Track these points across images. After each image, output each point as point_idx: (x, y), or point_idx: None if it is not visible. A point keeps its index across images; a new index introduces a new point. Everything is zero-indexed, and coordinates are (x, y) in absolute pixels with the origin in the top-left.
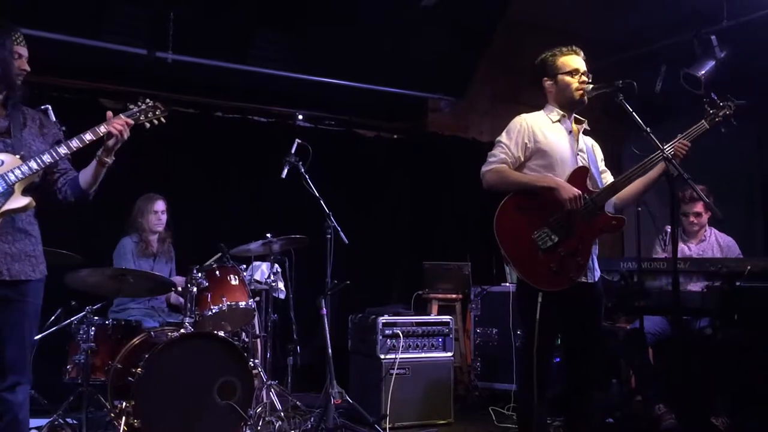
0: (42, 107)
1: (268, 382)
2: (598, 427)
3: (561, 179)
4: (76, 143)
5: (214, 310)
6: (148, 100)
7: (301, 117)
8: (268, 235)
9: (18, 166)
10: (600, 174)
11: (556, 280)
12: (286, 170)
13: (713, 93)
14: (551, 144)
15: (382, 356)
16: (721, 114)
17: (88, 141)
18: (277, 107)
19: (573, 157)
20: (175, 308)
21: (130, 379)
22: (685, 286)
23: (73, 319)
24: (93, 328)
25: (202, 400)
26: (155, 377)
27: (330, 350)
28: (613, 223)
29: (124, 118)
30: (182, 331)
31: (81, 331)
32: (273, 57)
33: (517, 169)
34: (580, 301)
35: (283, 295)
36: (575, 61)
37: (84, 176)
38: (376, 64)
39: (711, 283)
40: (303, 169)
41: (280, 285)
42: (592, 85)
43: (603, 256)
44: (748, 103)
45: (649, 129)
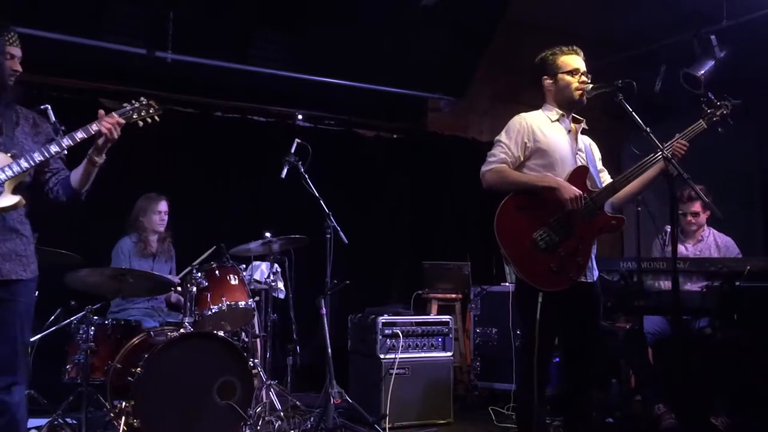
0: (41, 107)
1: (268, 382)
2: (597, 427)
3: (561, 179)
4: (68, 142)
5: (214, 310)
6: (142, 99)
7: (300, 117)
8: (268, 234)
9: (8, 165)
10: (598, 173)
11: (556, 280)
12: (286, 170)
13: (711, 93)
14: (551, 143)
15: (382, 356)
16: (718, 113)
17: (80, 139)
18: (276, 107)
19: (572, 157)
20: (175, 307)
21: (130, 378)
22: (684, 286)
23: (72, 318)
24: (92, 328)
25: (202, 400)
26: (155, 377)
27: (330, 350)
28: (613, 222)
29: (116, 117)
30: (182, 330)
31: (80, 331)
32: (273, 57)
33: (517, 169)
34: (579, 301)
35: (282, 295)
36: (575, 60)
37: (75, 176)
38: (376, 64)
39: (711, 283)
40: (303, 169)
41: (280, 285)
42: (591, 85)
43: (603, 255)
44: (747, 103)
45: (648, 129)
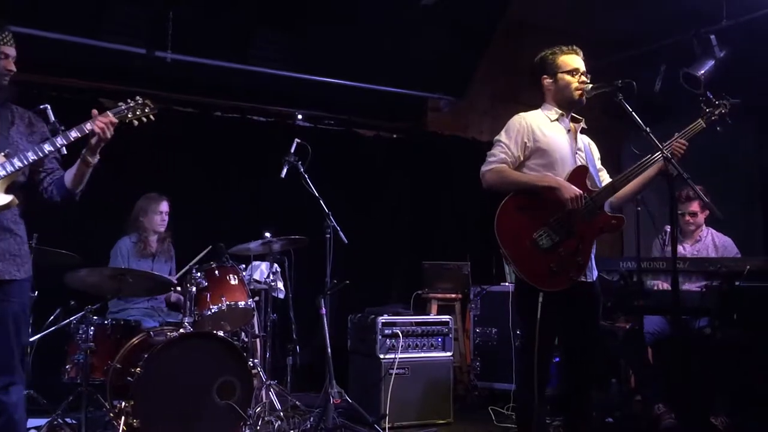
0: (41, 107)
1: (268, 382)
2: (597, 427)
3: (561, 178)
4: (61, 141)
5: (214, 310)
6: (138, 98)
7: (300, 116)
8: (267, 234)
9: (1, 164)
10: (597, 173)
11: (557, 279)
12: (286, 170)
13: (709, 92)
14: (550, 143)
15: (382, 356)
16: (717, 113)
17: (74, 138)
18: (276, 107)
19: (572, 156)
20: (175, 307)
21: (130, 378)
22: (683, 286)
23: (72, 318)
24: (92, 328)
25: (202, 400)
26: (154, 377)
27: (329, 350)
28: (613, 222)
29: (110, 116)
30: (181, 330)
31: (80, 331)
32: (273, 57)
33: (517, 169)
34: (579, 301)
35: (282, 295)
36: (575, 60)
37: (69, 176)
38: (376, 63)
39: (710, 283)
40: (302, 169)
41: (280, 285)
42: (591, 85)
43: (602, 255)
44: (746, 103)
45: (648, 129)
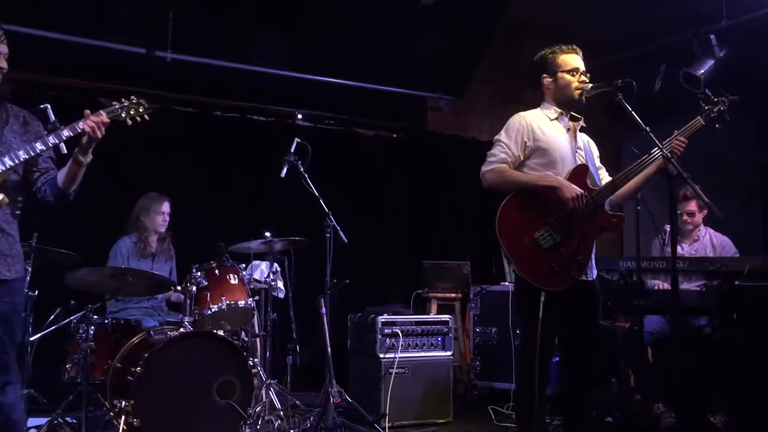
0: (41, 106)
1: (268, 381)
2: (597, 426)
3: (561, 177)
4: (53, 140)
5: (214, 309)
6: (132, 97)
7: (300, 116)
8: (268, 234)
9: None
10: (597, 171)
11: (558, 279)
12: (286, 169)
13: (708, 89)
14: (550, 142)
15: (382, 355)
16: (715, 110)
17: (66, 137)
18: (276, 107)
19: (572, 155)
20: (176, 306)
21: (130, 378)
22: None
23: (72, 318)
24: (92, 327)
25: (202, 400)
26: (155, 376)
27: (329, 349)
28: (614, 221)
29: (102, 116)
30: (181, 330)
31: (80, 330)
32: (273, 56)
33: (517, 168)
34: (579, 300)
35: (282, 294)
36: (575, 59)
37: (61, 176)
38: (376, 63)
39: (710, 282)
40: (302, 169)
41: (280, 284)
42: (591, 85)
43: (602, 255)
44: (746, 102)
45: (648, 128)
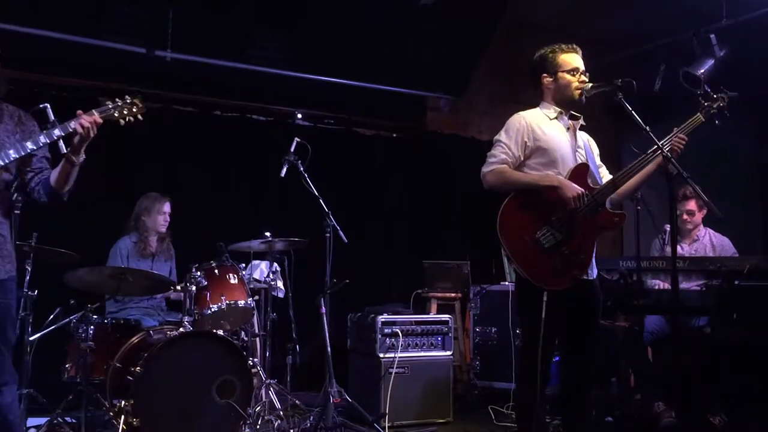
0: (40, 106)
1: (267, 381)
2: (597, 426)
3: (562, 177)
4: (44, 139)
5: (214, 309)
6: (126, 97)
7: (300, 116)
8: (267, 234)
9: None
10: (597, 169)
11: (560, 278)
12: (285, 169)
13: (707, 86)
14: (550, 141)
15: (382, 355)
16: (715, 106)
17: (56, 137)
18: (276, 106)
19: (572, 154)
20: (176, 304)
21: (129, 378)
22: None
23: (71, 317)
24: (92, 327)
25: (202, 399)
26: (154, 376)
27: (329, 349)
28: (615, 219)
29: (95, 115)
30: (181, 329)
31: (80, 330)
32: (273, 56)
33: (518, 168)
34: (580, 299)
35: (282, 294)
36: (575, 59)
37: (54, 176)
38: (376, 63)
39: (710, 282)
40: (302, 168)
41: (280, 284)
42: (591, 84)
43: (602, 255)
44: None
45: (648, 128)
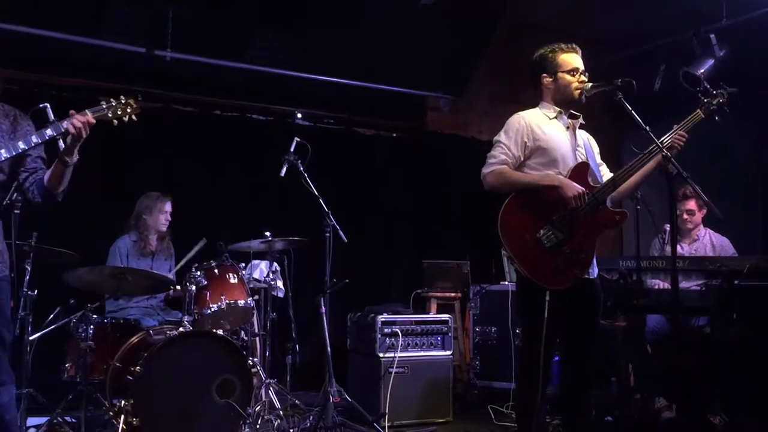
0: (40, 106)
1: (267, 381)
2: (597, 426)
3: (562, 176)
4: (36, 139)
5: (213, 309)
6: (121, 97)
7: (300, 115)
8: (267, 233)
9: None
10: (598, 168)
11: (562, 278)
12: (285, 169)
13: (706, 82)
14: (550, 141)
15: (381, 355)
16: (715, 102)
17: (49, 137)
18: (276, 106)
19: (572, 153)
20: (175, 302)
21: (129, 377)
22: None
23: (71, 317)
24: (92, 327)
25: (201, 399)
26: (154, 376)
27: (329, 349)
28: (616, 217)
29: (88, 116)
30: (181, 329)
31: (80, 330)
32: (273, 56)
33: (518, 168)
34: (581, 298)
35: (282, 294)
36: (575, 59)
37: (47, 176)
38: (376, 63)
39: (710, 282)
40: (302, 168)
41: (279, 283)
42: (591, 84)
43: (602, 254)
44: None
45: (648, 127)
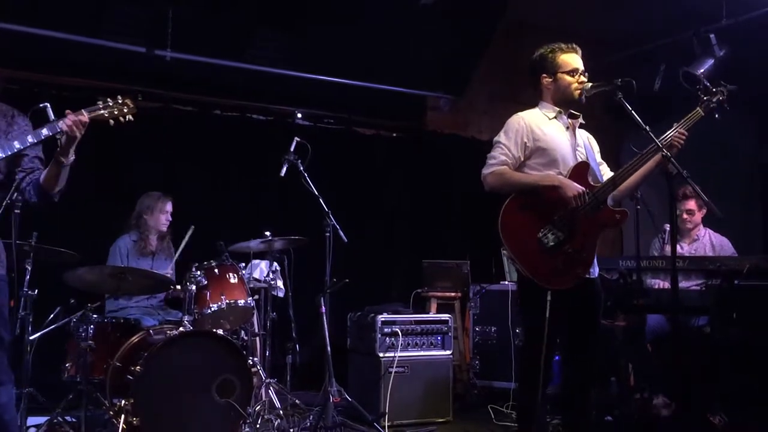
0: (40, 105)
1: (267, 381)
2: (597, 426)
3: (563, 176)
4: (32, 139)
5: (213, 309)
6: (118, 97)
7: (300, 115)
8: (267, 233)
9: None
10: (598, 167)
11: (563, 277)
12: (285, 168)
13: (706, 80)
14: (550, 141)
15: (381, 354)
16: (714, 100)
17: (44, 137)
18: (276, 106)
19: (572, 153)
20: (175, 301)
21: (129, 377)
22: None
23: (71, 317)
24: (92, 326)
25: (201, 399)
26: (154, 375)
27: (329, 348)
28: (617, 216)
29: (84, 115)
30: (181, 329)
31: (80, 329)
32: (272, 56)
33: (518, 169)
34: (582, 298)
35: (282, 294)
36: (575, 59)
37: (44, 177)
38: (376, 62)
39: (710, 282)
40: (302, 168)
41: (279, 283)
42: (590, 84)
43: (602, 254)
44: (746, 101)
45: (648, 127)
